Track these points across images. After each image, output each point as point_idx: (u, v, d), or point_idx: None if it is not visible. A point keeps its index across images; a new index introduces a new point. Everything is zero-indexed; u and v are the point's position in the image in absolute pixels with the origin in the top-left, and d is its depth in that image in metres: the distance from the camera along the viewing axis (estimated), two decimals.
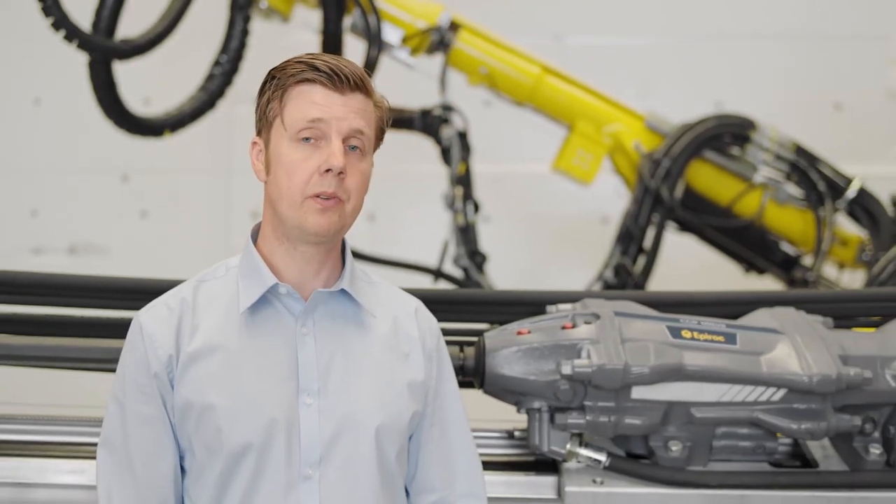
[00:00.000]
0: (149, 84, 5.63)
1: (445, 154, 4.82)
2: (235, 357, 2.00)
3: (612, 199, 5.15)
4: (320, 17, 4.61)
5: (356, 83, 1.99)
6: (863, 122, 6.62)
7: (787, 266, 4.91)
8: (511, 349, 2.58)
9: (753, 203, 4.77)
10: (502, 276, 4.99)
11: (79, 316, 2.90)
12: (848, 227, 4.88)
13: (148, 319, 2.03)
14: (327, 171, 1.94)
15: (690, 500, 2.58)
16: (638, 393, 2.52)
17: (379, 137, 2.09)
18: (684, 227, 4.94)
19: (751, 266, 5.04)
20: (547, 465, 2.68)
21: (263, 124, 2.04)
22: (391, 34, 4.65)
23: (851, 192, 4.69)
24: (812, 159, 4.74)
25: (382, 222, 6.70)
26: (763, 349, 2.58)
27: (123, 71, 4.13)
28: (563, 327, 2.61)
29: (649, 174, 4.60)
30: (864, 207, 4.68)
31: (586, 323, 2.61)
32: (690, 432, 2.58)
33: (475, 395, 2.70)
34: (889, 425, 2.60)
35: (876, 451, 2.60)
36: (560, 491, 2.61)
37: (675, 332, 2.59)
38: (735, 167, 4.74)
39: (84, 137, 6.44)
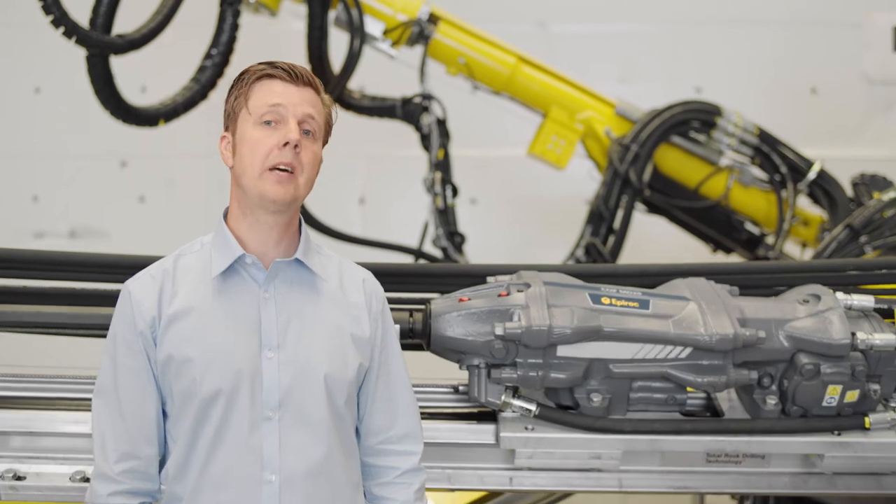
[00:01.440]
0: (146, 73, 6.11)
1: (425, 140, 5.35)
2: (208, 317, 2.49)
3: (593, 181, 5.58)
4: (306, 11, 5.13)
5: (308, 80, 2.53)
6: (838, 106, 7.11)
7: (751, 245, 5.43)
8: (453, 314, 3.12)
9: (719, 185, 5.29)
10: (490, 257, 5.39)
11: (80, 288, 3.40)
12: (814, 209, 5.39)
13: (135, 287, 2.55)
14: (285, 144, 2.46)
15: (609, 444, 3.12)
16: (562, 351, 3.06)
17: (327, 132, 2.61)
18: (653, 208, 5.47)
19: (718, 245, 5.56)
20: (487, 415, 3.22)
21: (231, 119, 2.55)
22: (373, 27, 5.15)
23: (812, 175, 5.20)
24: (775, 143, 5.25)
25: (372, 205, 7.20)
26: (672, 313, 3.12)
27: (121, 61, 4.50)
28: (499, 295, 3.14)
29: (619, 158, 5.11)
30: (824, 189, 5.19)
31: (519, 291, 3.14)
32: (610, 385, 3.12)
33: (426, 356, 3.23)
34: (784, 379, 3.13)
35: (772, 401, 3.13)
36: (497, 437, 3.15)
37: (596, 299, 3.13)
38: (701, 151, 5.26)
39: (83, 125, 6.82)
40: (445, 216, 5.26)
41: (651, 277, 3.41)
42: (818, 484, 3.25)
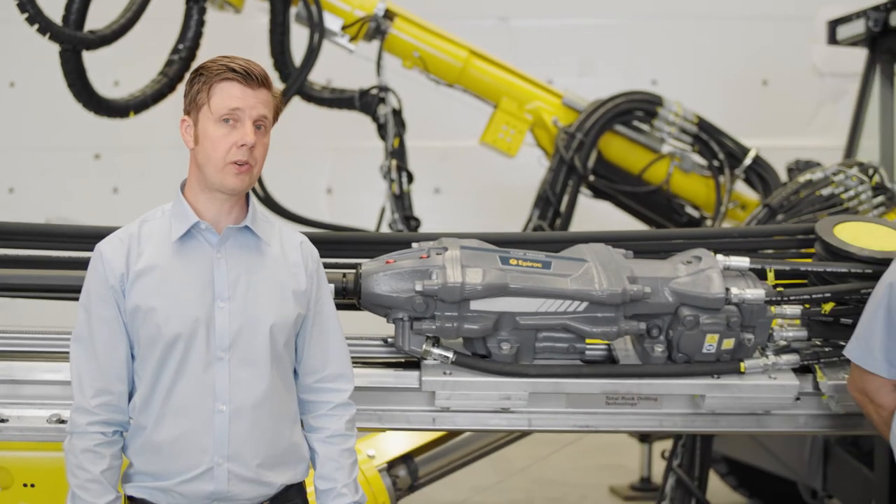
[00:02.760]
0: (118, 68, 6.81)
1: (381, 129, 6.06)
2: (169, 274, 3.06)
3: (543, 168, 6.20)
4: (268, 8, 5.82)
5: (262, 81, 3.15)
6: (789, 97, 7.83)
7: (691, 227, 6.11)
8: (380, 273, 3.81)
9: (661, 171, 6.02)
10: None
11: (55, 256, 4.04)
12: (751, 193, 6.09)
13: (106, 248, 3.18)
14: (242, 145, 3.09)
15: (517, 387, 3.81)
16: (475, 305, 3.75)
17: (275, 118, 3.26)
18: (598, 193, 6.18)
19: (660, 228, 6.24)
20: (411, 363, 3.90)
21: (192, 107, 3.16)
22: (332, 22, 5.86)
23: (748, 161, 5.93)
24: (713, 131, 5.98)
25: (338, 195, 7.87)
26: (571, 272, 3.81)
27: (95, 57, 5.11)
28: (421, 257, 3.85)
29: (564, 146, 5.83)
30: (759, 174, 5.92)
31: (438, 254, 3.83)
32: (518, 336, 3.79)
33: (360, 317, 3.91)
34: (670, 330, 3.83)
35: (659, 349, 3.83)
36: (420, 381, 3.83)
37: (504, 261, 3.83)
38: (644, 139, 5.99)
39: (57, 118, 7.42)
40: (401, 201, 5.95)
41: (557, 244, 4.11)
42: (704, 423, 3.97)
